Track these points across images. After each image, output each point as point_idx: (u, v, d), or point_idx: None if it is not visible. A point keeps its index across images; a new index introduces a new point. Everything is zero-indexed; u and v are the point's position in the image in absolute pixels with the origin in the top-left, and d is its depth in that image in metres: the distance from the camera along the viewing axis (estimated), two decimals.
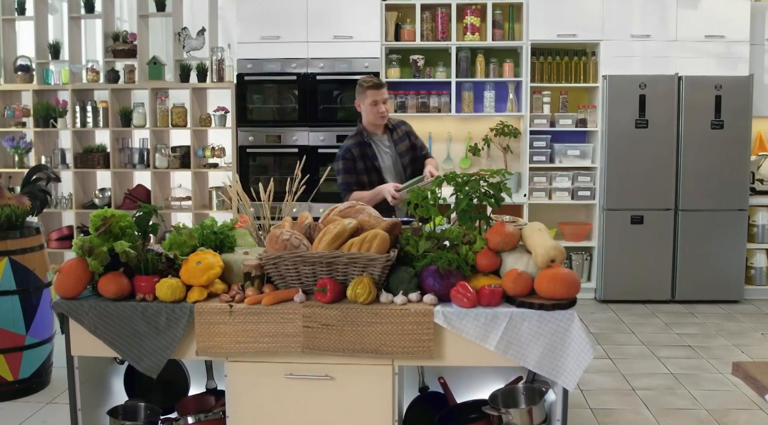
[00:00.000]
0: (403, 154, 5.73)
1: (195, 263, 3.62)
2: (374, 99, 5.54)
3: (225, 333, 3.54)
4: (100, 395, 4.13)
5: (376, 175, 5.61)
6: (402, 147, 5.74)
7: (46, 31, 8.96)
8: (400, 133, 5.79)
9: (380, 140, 5.71)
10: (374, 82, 5.57)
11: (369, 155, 5.61)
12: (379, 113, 5.57)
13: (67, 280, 3.66)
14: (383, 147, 5.70)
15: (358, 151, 5.60)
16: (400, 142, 5.75)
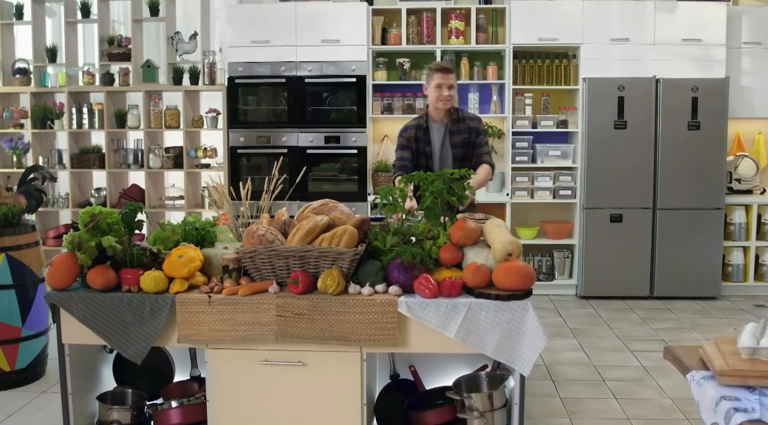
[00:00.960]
0: (456, 145, 5.69)
1: (177, 257, 3.88)
2: (439, 82, 5.52)
3: (204, 322, 3.80)
4: (90, 382, 4.38)
5: (425, 160, 5.67)
6: (458, 138, 5.69)
7: (43, 35, 9.19)
8: (463, 126, 5.72)
9: (438, 127, 5.70)
10: (442, 66, 5.60)
11: (422, 139, 5.66)
12: (441, 97, 5.53)
13: (57, 273, 3.92)
14: (438, 134, 5.69)
15: (413, 132, 5.69)
16: (458, 134, 5.69)
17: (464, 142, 5.69)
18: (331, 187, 8.57)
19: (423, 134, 5.67)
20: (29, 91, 9.07)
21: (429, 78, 5.63)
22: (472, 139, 5.72)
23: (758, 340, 2.68)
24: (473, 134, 5.73)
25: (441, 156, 5.71)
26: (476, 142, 5.74)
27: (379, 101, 8.77)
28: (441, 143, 5.70)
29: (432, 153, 5.68)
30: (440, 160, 5.70)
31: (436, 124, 5.71)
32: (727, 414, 2.32)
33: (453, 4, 8.81)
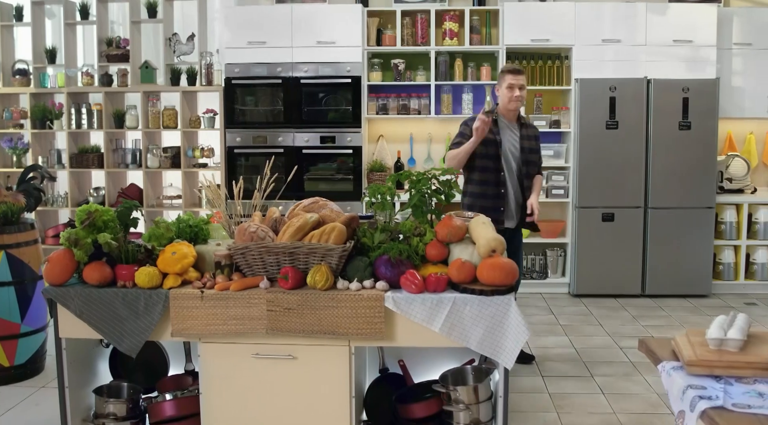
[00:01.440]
0: (525, 150, 5.87)
1: (170, 253, 3.99)
2: (510, 82, 5.72)
3: (197, 316, 3.91)
4: (87, 376, 4.49)
5: (494, 148, 5.76)
6: (526, 143, 5.89)
7: (42, 36, 9.30)
8: (530, 133, 5.97)
9: (508, 125, 5.88)
10: (513, 68, 5.80)
11: (492, 128, 5.69)
12: (513, 97, 5.72)
13: (55, 269, 4.03)
14: (509, 129, 5.86)
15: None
16: (527, 139, 5.91)
17: (530, 148, 5.92)
18: (327, 186, 8.67)
19: (492, 124, 5.69)
20: (29, 92, 9.18)
21: (501, 79, 5.83)
22: (535, 146, 6.00)
23: (725, 331, 2.80)
24: (536, 142, 6.02)
25: (508, 150, 5.83)
26: (537, 149, 6.05)
27: (374, 102, 8.89)
28: (510, 141, 5.85)
29: (501, 142, 5.79)
30: (507, 154, 5.83)
31: (505, 121, 5.88)
32: (693, 401, 2.42)
33: (447, 6, 8.93)
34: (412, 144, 9.17)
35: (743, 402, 2.35)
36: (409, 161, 9.13)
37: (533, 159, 5.98)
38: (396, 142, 9.21)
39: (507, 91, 5.75)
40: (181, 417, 4.24)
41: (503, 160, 5.81)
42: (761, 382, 2.52)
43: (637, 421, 5.14)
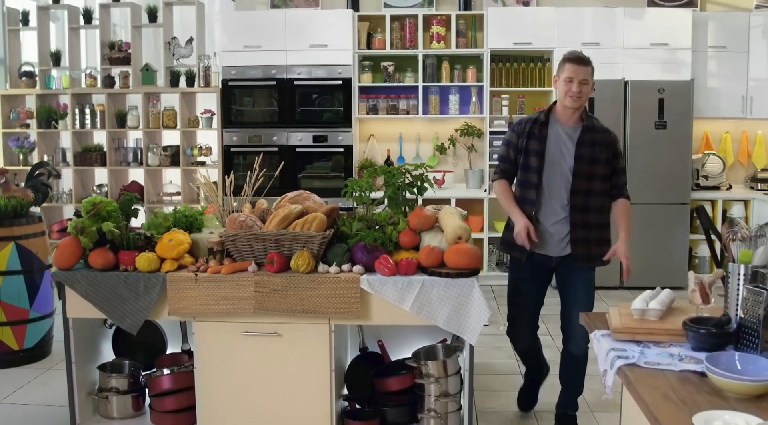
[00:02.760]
0: (583, 159, 4.59)
1: (168, 240, 4.40)
2: (570, 75, 4.50)
3: (191, 297, 4.32)
4: (91, 354, 4.90)
5: (536, 159, 4.64)
6: (586, 151, 4.59)
7: (48, 40, 9.69)
8: (597, 138, 4.62)
9: (562, 129, 4.64)
10: (576, 56, 4.56)
11: (536, 135, 4.63)
12: (570, 92, 4.51)
13: (63, 254, 4.44)
14: (562, 136, 4.63)
15: (526, 126, 4.68)
16: (588, 146, 4.59)
17: (592, 157, 4.59)
18: (320, 183, 9.04)
19: (539, 129, 4.64)
20: (35, 93, 9.58)
21: (560, 69, 4.63)
22: (603, 156, 4.62)
23: (647, 303, 3.17)
24: (606, 151, 4.64)
25: (556, 160, 4.64)
26: (611, 164, 4.68)
27: (365, 102, 9.29)
28: (561, 147, 4.63)
29: (545, 153, 4.63)
30: (554, 166, 4.65)
31: (560, 124, 4.65)
32: (613, 361, 2.83)
33: (434, 11, 9.34)
34: (401, 143, 9.57)
35: (654, 361, 2.75)
36: (399, 159, 9.53)
37: (597, 172, 4.62)
38: (386, 141, 9.61)
39: (564, 83, 4.54)
40: (177, 390, 4.65)
41: (545, 174, 4.65)
42: (675, 346, 2.92)
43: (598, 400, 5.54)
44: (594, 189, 4.64)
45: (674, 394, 2.43)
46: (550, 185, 4.65)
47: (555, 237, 4.69)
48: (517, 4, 9.42)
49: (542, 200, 4.67)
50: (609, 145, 4.65)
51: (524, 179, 4.72)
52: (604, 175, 4.65)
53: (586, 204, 4.63)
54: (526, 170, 4.70)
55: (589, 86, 4.55)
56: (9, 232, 6.17)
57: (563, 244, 4.70)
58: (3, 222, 6.17)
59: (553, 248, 4.71)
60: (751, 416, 2.18)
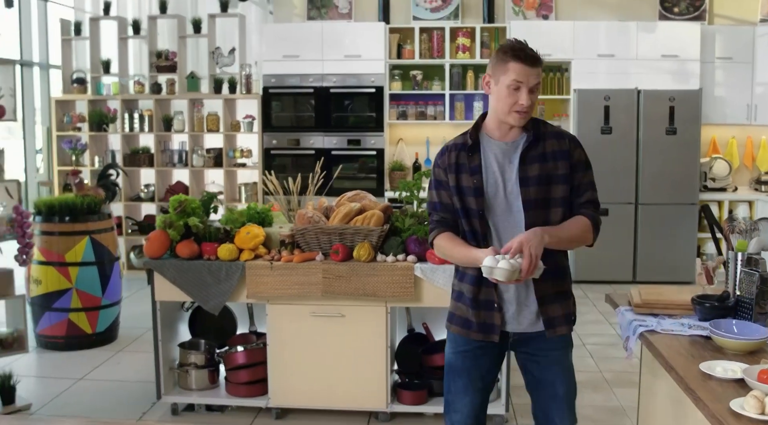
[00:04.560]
0: (531, 182, 3.26)
1: (245, 233, 5.09)
2: (518, 78, 3.15)
3: (267, 283, 5.00)
4: (171, 334, 5.58)
5: (474, 199, 3.31)
6: (535, 170, 3.26)
7: (98, 49, 10.37)
8: (548, 149, 3.29)
9: (498, 148, 3.33)
10: (527, 52, 3.19)
11: (466, 166, 3.33)
12: (518, 105, 3.18)
13: (153, 245, 5.13)
14: (499, 157, 3.32)
15: (453, 156, 3.37)
16: (538, 160, 3.27)
17: (544, 176, 3.27)
18: (353, 184, 9.59)
19: (468, 158, 3.33)
20: (86, 99, 10.25)
21: (498, 67, 3.22)
22: (559, 173, 3.30)
23: (498, 262, 3.02)
24: (562, 164, 3.30)
25: (498, 193, 3.31)
26: (571, 179, 3.34)
27: (395, 108, 9.96)
28: (500, 174, 3.31)
29: (484, 187, 3.31)
30: (497, 201, 3.31)
31: (494, 141, 3.34)
32: (635, 328, 3.49)
33: (460, 24, 10.02)
34: (428, 146, 10.23)
35: (669, 328, 3.42)
36: (426, 161, 10.19)
37: (555, 195, 3.30)
38: (414, 144, 10.27)
39: (507, 91, 3.19)
40: (250, 365, 5.32)
41: (490, 216, 3.33)
42: (685, 318, 3.59)
43: (618, 378, 6.21)
44: (552, 220, 3.28)
45: (685, 351, 3.09)
46: (500, 229, 3.31)
47: (514, 305, 3.34)
48: (537, 17, 10.09)
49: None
50: (564, 154, 3.29)
51: (468, 229, 3.35)
52: (565, 198, 3.32)
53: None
54: (466, 216, 3.34)
55: (536, 94, 3.24)
56: (84, 227, 6.87)
57: (528, 313, 3.35)
58: (78, 218, 6.87)
59: (513, 319, 3.35)
60: (743, 364, 2.84)
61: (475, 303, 3.38)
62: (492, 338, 3.37)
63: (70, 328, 6.86)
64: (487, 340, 3.39)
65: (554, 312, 3.36)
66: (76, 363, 6.58)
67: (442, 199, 3.42)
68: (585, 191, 3.42)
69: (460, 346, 3.47)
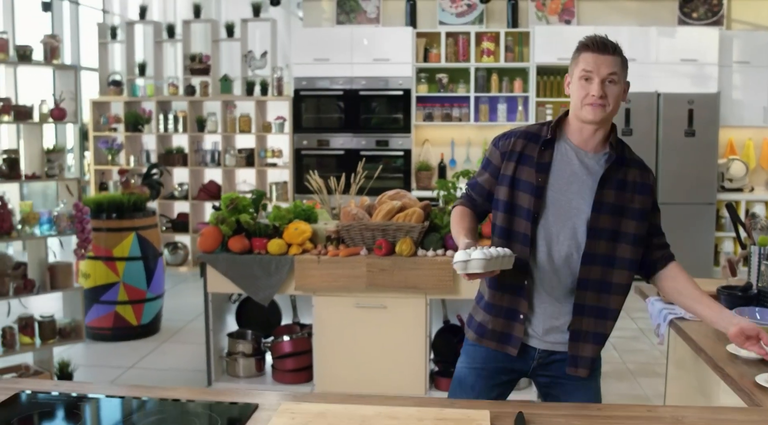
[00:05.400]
0: (606, 208, 2.90)
1: (293, 229, 5.41)
2: (587, 67, 2.86)
3: (314, 275, 5.33)
4: (220, 324, 5.91)
5: (531, 198, 2.93)
6: (613, 197, 2.90)
7: (134, 52, 10.74)
8: (630, 178, 2.95)
9: (579, 154, 2.95)
10: (597, 41, 2.92)
11: (532, 159, 2.95)
12: (589, 97, 2.83)
13: (207, 240, 5.46)
14: (576, 165, 2.94)
15: (519, 143, 2.99)
16: (617, 187, 2.91)
17: (620, 206, 2.92)
18: (380, 183, 9.94)
19: (539, 152, 2.96)
20: (122, 100, 10.63)
21: (573, 63, 2.98)
22: (637, 207, 2.95)
23: (470, 255, 2.66)
24: (643, 199, 2.97)
25: (564, 203, 2.93)
26: (650, 218, 3.02)
27: (421, 110, 10.27)
28: (572, 183, 2.94)
29: (546, 189, 2.94)
30: (559, 211, 2.93)
31: (573, 146, 2.97)
32: (665, 316, 3.81)
33: (485, 28, 10.32)
34: (453, 147, 10.54)
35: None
36: (451, 162, 10.50)
37: (626, 230, 2.94)
38: (439, 145, 10.58)
39: (579, 84, 2.88)
40: (295, 353, 5.65)
41: (542, 223, 2.94)
42: None
43: (642, 369, 6.53)
44: (619, 256, 2.95)
45: (712, 335, 3.40)
46: (551, 241, 2.94)
47: (545, 316, 3.00)
48: (559, 22, 10.39)
49: (537, 262, 2.95)
50: (647, 189, 2.98)
51: (507, 227, 2.99)
52: (636, 235, 2.96)
53: (605, 280, 2.96)
54: (510, 212, 2.97)
55: (619, 86, 2.88)
56: (131, 224, 7.21)
57: (557, 332, 3.00)
58: (125, 215, 7.21)
59: (539, 334, 3.01)
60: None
61: (493, 309, 3.06)
62: (508, 350, 3.03)
63: (116, 320, 7.20)
64: (503, 351, 3.05)
65: (584, 353, 3.01)
66: (123, 353, 6.92)
67: (483, 181, 3.12)
68: (662, 233, 3.15)
69: (476, 362, 3.13)
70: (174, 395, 2.51)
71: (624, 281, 3.01)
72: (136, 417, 2.37)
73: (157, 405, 2.41)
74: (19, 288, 5.53)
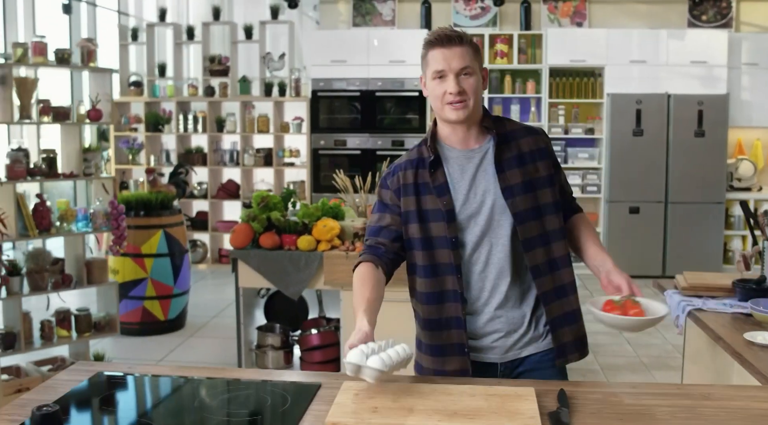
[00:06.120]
0: (517, 188, 2.75)
1: (322, 226, 5.63)
2: (437, 67, 2.70)
3: (342, 271, 5.53)
4: (249, 318, 6.13)
5: (444, 223, 2.76)
6: (516, 174, 2.76)
7: (154, 53, 10.97)
8: (524, 146, 2.82)
9: (464, 155, 2.80)
10: (438, 35, 2.75)
11: (431, 185, 2.78)
12: (447, 95, 2.68)
13: (239, 237, 5.68)
14: (468, 167, 2.79)
15: (412, 175, 2.82)
16: (516, 163, 2.78)
17: (529, 179, 2.77)
18: None
19: (431, 176, 2.79)
20: (143, 101, 10.85)
21: (423, 65, 2.82)
22: (543, 172, 2.82)
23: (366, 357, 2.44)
24: (544, 161, 2.83)
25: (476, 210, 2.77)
26: (555, 177, 2.88)
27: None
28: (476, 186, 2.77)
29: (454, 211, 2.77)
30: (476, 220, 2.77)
31: (455, 150, 2.81)
32: (683, 308, 4.02)
33: (498, 31, 10.54)
34: None
35: (714, 307, 3.94)
36: None
37: (544, 198, 2.80)
38: None
39: (434, 84, 2.74)
40: (323, 346, 5.87)
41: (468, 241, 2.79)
42: (726, 299, 4.11)
43: (655, 362, 6.73)
44: (550, 230, 2.81)
45: (729, 325, 3.61)
46: (482, 253, 2.79)
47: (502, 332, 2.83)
48: (571, 25, 10.60)
49: (472, 284, 2.84)
50: (543, 152, 2.85)
51: (430, 263, 2.87)
52: (555, 202, 2.84)
53: (550, 258, 2.80)
54: (428, 247, 2.83)
55: (475, 77, 2.72)
56: (158, 221, 7.44)
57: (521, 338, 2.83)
58: (152, 213, 7.43)
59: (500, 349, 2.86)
60: None
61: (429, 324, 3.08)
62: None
63: (144, 315, 7.42)
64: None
65: (565, 338, 2.84)
66: (152, 347, 7.14)
67: (387, 223, 2.89)
68: (568, 188, 3.01)
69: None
70: (236, 375, 2.73)
71: (564, 251, 2.84)
72: (209, 394, 2.58)
73: (226, 384, 2.63)
74: (57, 283, 5.77)
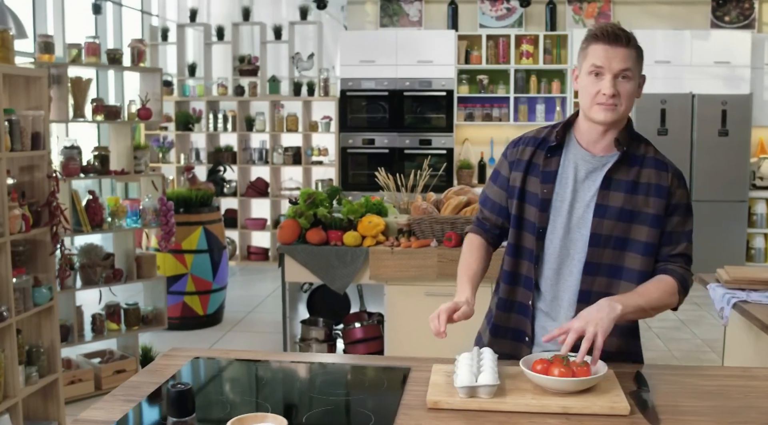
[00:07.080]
0: (609, 213, 2.61)
1: (368, 222, 5.80)
2: (597, 62, 2.54)
3: (387, 265, 5.70)
4: (293, 312, 6.30)
5: (537, 211, 2.71)
6: (618, 199, 2.61)
7: (184, 53, 11.15)
8: (643, 177, 2.63)
9: (585, 158, 2.68)
10: (604, 31, 2.58)
11: (540, 168, 2.72)
12: (600, 96, 2.53)
13: (286, 233, 5.84)
14: (581, 169, 2.68)
15: (528, 151, 2.76)
16: (625, 189, 2.62)
17: (627, 210, 2.61)
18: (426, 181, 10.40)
19: (544, 160, 2.72)
20: (173, 100, 11.03)
21: (581, 56, 2.64)
22: (650, 210, 2.61)
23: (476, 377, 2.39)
24: (657, 202, 2.61)
25: (565, 212, 2.68)
26: (665, 223, 2.65)
27: (462, 110, 10.66)
28: (574, 190, 2.68)
29: (552, 199, 2.69)
30: (562, 221, 2.69)
31: (581, 149, 2.70)
32: (729, 300, 4.18)
33: (524, 31, 10.70)
34: (492, 146, 10.92)
35: (758, 299, 4.10)
36: (490, 160, 10.87)
37: (636, 237, 2.62)
38: (479, 144, 10.96)
39: (589, 80, 2.57)
40: (367, 339, 6.03)
41: (549, 237, 2.73)
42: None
43: (686, 356, 6.89)
44: (627, 267, 2.65)
45: None
46: (555, 255, 2.74)
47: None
48: None
49: (544, 280, 2.83)
50: (663, 191, 2.62)
51: (515, 242, 2.89)
52: (648, 244, 2.63)
53: (609, 293, 2.63)
54: (519, 228, 2.82)
55: (633, 83, 2.60)
56: (198, 218, 7.61)
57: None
58: (192, 210, 7.61)
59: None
60: None
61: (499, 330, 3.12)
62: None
63: (184, 310, 7.60)
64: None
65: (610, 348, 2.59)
66: (193, 341, 7.32)
67: (492, 194, 2.91)
68: (680, 241, 2.69)
69: None
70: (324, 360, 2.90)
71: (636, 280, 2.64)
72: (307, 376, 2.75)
73: (318, 368, 2.80)
74: (108, 277, 5.94)
